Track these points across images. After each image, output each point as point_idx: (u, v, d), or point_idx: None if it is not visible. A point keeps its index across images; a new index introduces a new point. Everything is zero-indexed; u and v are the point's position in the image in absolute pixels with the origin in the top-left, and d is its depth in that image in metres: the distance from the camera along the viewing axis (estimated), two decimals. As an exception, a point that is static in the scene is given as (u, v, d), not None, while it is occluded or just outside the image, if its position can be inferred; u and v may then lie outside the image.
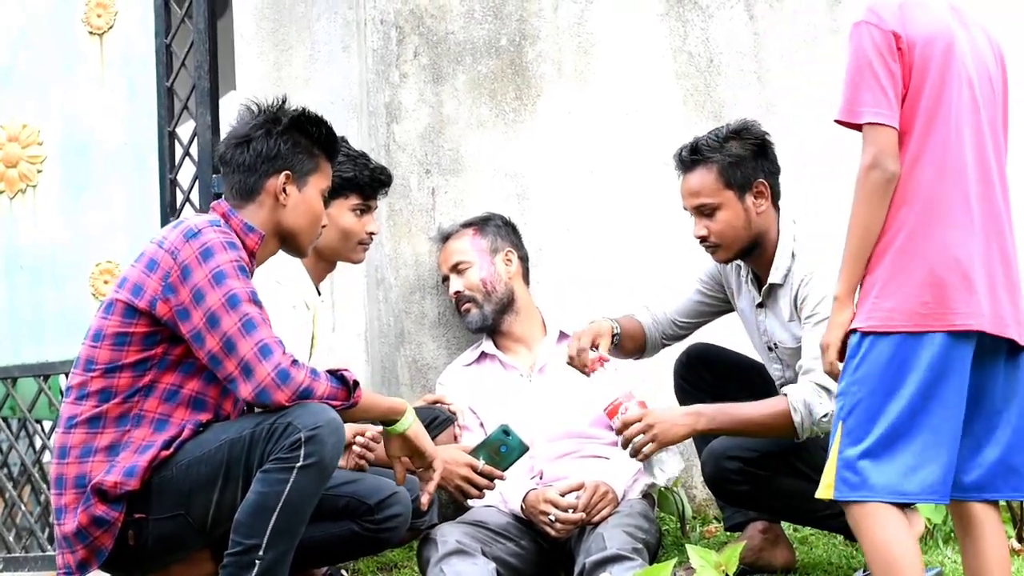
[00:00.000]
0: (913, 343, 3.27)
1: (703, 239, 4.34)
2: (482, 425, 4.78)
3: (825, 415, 4.07)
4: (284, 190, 3.80)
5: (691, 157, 4.33)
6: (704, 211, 4.32)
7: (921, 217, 3.30)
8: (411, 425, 3.84)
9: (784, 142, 5.19)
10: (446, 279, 5.03)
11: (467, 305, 4.96)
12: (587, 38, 5.35)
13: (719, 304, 4.63)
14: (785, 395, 4.16)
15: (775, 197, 4.37)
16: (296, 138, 3.83)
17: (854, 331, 3.33)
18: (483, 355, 4.98)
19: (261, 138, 3.80)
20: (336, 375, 3.65)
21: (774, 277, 4.33)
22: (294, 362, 3.56)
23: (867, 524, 3.28)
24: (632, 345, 4.62)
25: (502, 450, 4.21)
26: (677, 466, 4.14)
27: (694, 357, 4.62)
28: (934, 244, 3.30)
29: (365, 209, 4.49)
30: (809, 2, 5.46)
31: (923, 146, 3.33)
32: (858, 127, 3.35)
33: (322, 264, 4.49)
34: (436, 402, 4.78)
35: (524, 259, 5.08)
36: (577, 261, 5.24)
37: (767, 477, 4.22)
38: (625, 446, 4.18)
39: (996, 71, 3.49)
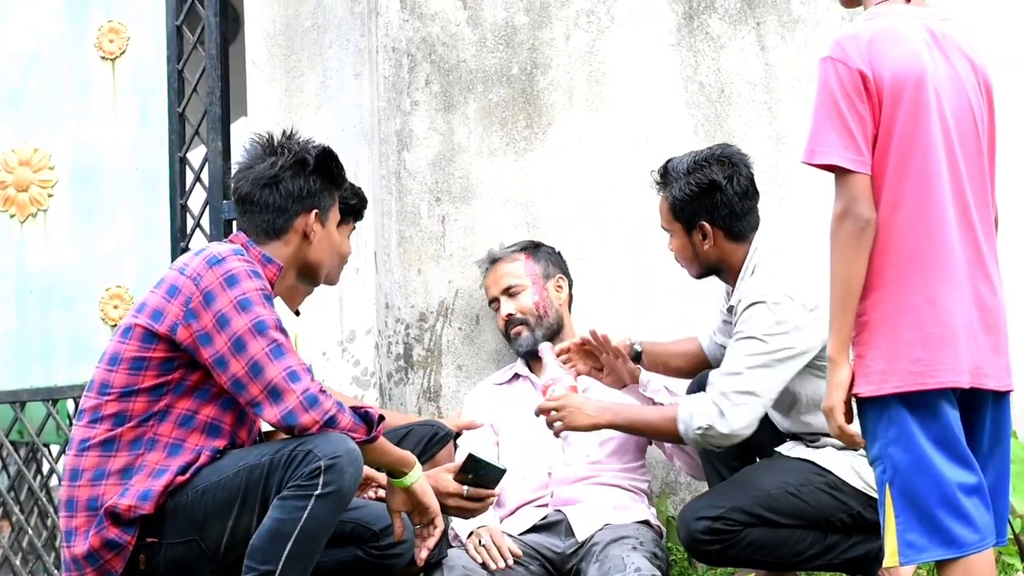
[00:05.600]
0: (912, 401, 3.22)
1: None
2: (497, 444, 4.78)
3: (699, 428, 4.14)
4: (312, 228, 3.84)
5: (657, 181, 4.45)
6: (667, 231, 4.46)
7: (904, 269, 3.23)
8: (417, 480, 3.85)
9: (794, 173, 5.22)
10: (494, 301, 5.02)
11: (518, 328, 4.92)
12: (598, 67, 5.36)
13: None
14: (677, 403, 4.29)
15: (733, 234, 4.36)
16: (321, 176, 3.86)
17: (855, 396, 3.27)
18: (516, 376, 4.97)
19: (290, 179, 3.83)
20: (359, 412, 3.66)
21: (732, 300, 4.38)
22: (322, 390, 3.58)
23: None
24: (682, 362, 4.69)
25: (481, 473, 4.20)
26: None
27: (703, 386, 4.62)
28: (920, 298, 3.23)
29: (352, 231, 4.54)
30: (820, 33, 5.48)
31: (899, 192, 3.24)
32: (826, 168, 3.27)
33: (304, 288, 4.49)
34: (467, 426, 4.78)
35: (571, 287, 5.09)
36: (587, 290, 5.23)
37: (736, 532, 4.16)
38: (549, 424, 4.38)
39: (979, 99, 3.38)
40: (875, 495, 4.08)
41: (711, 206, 4.33)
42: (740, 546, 4.17)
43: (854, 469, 4.17)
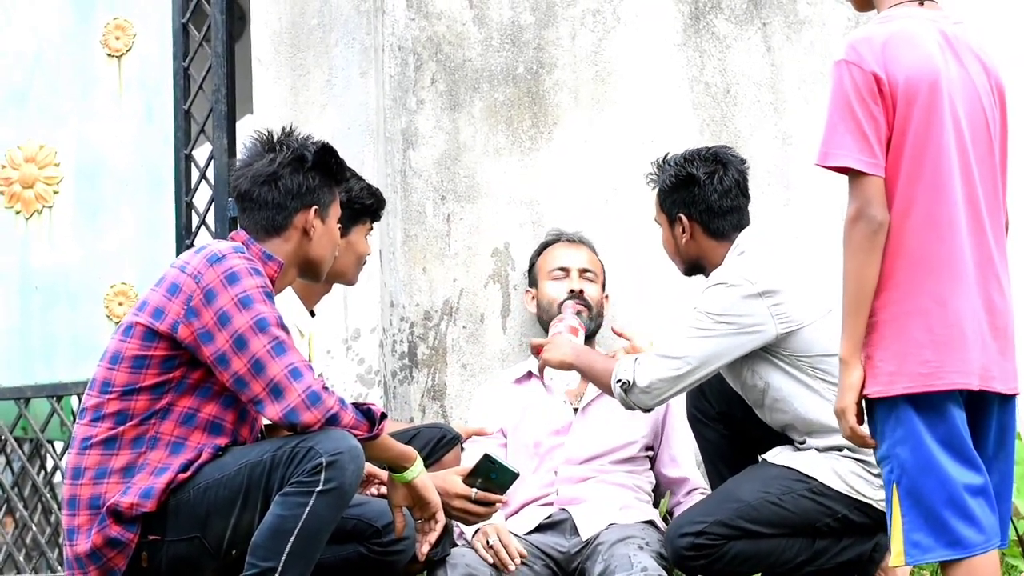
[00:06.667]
0: (919, 402, 3.22)
1: None
2: (505, 446, 4.78)
3: (619, 380, 4.22)
4: (312, 224, 3.84)
5: (653, 173, 4.51)
6: (658, 224, 4.52)
7: (915, 271, 3.23)
8: (419, 475, 3.85)
9: (800, 173, 5.22)
10: (563, 270, 5.02)
11: (582, 307, 4.92)
12: (604, 67, 5.36)
13: None
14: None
15: (711, 231, 4.39)
16: (320, 172, 3.86)
17: (864, 396, 3.27)
18: (529, 374, 4.94)
19: (289, 175, 3.83)
20: (361, 409, 3.67)
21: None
22: (325, 387, 3.59)
23: None
24: None
25: (492, 476, 4.19)
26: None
27: (703, 384, 4.61)
28: (930, 300, 3.23)
29: (369, 232, 4.55)
30: (826, 34, 5.48)
31: (911, 195, 3.24)
32: (840, 170, 3.27)
33: (322, 287, 4.50)
34: (477, 433, 4.77)
35: None
36: (592, 289, 5.23)
37: (719, 546, 4.16)
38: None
39: (992, 103, 3.37)
40: (858, 497, 4.14)
41: (689, 199, 4.38)
42: (725, 560, 4.16)
43: (835, 472, 4.16)
